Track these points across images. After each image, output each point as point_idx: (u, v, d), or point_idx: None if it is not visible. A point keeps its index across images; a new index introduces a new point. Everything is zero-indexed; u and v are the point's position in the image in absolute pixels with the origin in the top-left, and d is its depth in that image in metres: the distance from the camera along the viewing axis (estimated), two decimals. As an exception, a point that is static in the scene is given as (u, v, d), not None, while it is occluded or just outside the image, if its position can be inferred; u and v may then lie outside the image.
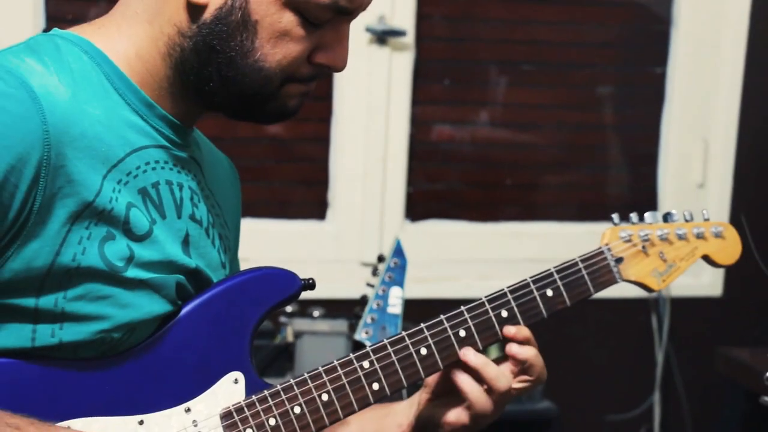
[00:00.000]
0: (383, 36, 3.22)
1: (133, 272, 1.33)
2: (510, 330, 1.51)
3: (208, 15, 1.35)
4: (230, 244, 1.58)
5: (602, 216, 3.48)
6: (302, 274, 1.47)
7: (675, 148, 3.51)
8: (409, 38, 3.26)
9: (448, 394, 1.55)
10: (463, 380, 1.50)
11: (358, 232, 3.31)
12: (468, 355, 1.50)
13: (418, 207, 3.39)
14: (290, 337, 2.91)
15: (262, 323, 1.45)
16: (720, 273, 3.45)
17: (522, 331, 1.51)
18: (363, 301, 2.43)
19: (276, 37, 1.35)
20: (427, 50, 3.32)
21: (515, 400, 2.93)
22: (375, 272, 2.45)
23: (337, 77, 3.23)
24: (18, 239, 1.26)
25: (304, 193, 3.36)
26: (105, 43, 1.38)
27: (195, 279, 1.42)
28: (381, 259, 2.47)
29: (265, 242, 3.22)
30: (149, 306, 1.36)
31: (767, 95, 3.50)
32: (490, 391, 1.50)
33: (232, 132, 3.13)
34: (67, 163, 1.28)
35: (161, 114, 1.40)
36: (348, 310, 2.77)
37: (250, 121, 1.47)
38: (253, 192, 3.27)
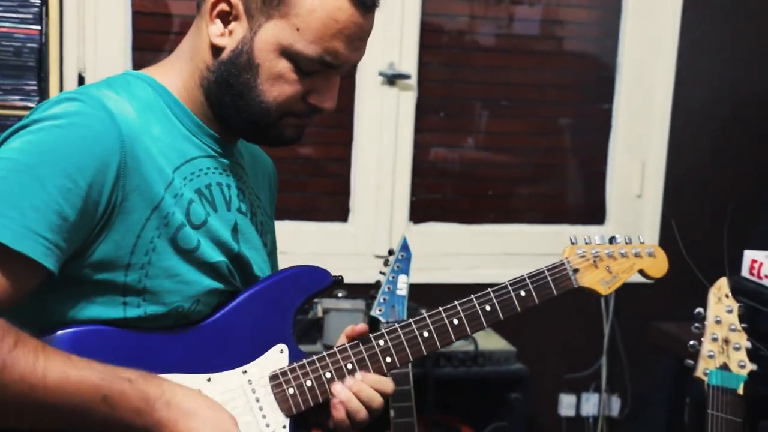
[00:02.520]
0: (392, 78, 3.21)
1: (198, 254, 1.35)
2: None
3: (225, 55, 1.35)
4: (268, 228, 1.57)
5: (562, 220, 3.49)
6: (328, 266, 1.49)
7: (619, 167, 3.47)
8: (413, 80, 3.23)
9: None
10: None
11: (373, 232, 3.28)
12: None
13: (420, 212, 3.35)
14: (320, 313, 2.88)
15: (303, 306, 1.46)
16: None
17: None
18: (377, 285, 2.43)
19: (273, 78, 1.34)
20: (427, 90, 3.28)
21: (492, 363, 2.93)
22: (386, 263, 2.44)
23: (357, 111, 3.20)
24: (108, 226, 1.28)
25: (330, 202, 3.33)
26: (165, 78, 1.40)
27: (238, 261, 1.42)
28: (391, 252, 2.46)
29: (300, 240, 3.20)
30: (206, 281, 1.37)
31: (692, 126, 3.47)
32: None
33: (273, 153, 3.12)
34: (139, 166, 1.30)
35: (209, 133, 1.41)
36: (365, 292, 2.76)
37: (258, 144, 1.46)
38: (290, 200, 3.25)
